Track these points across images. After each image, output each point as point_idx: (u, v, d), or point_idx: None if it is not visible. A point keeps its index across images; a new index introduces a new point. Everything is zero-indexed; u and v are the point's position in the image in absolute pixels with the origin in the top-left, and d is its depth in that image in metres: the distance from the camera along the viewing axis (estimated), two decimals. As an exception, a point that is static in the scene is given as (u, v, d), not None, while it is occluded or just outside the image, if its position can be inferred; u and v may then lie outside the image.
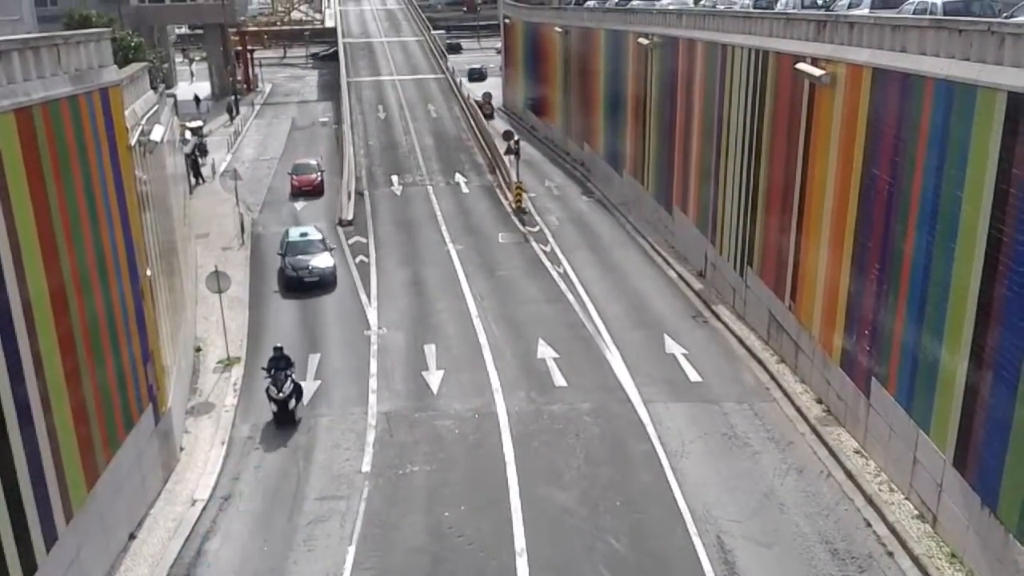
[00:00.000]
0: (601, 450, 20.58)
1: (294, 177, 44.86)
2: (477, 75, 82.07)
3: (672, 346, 25.99)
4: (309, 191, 43.98)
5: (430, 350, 26.00)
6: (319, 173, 45.05)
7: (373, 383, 24.11)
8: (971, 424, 15.72)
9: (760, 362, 24.83)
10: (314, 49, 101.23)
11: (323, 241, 32.75)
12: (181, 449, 20.98)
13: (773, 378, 23.83)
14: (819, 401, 22.21)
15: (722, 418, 21.92)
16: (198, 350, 26.29)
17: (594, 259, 34.12)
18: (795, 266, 23.63)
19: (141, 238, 18.89)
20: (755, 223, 26.47)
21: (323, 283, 31.21)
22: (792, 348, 24.00)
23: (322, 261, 31.43)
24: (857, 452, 19.86)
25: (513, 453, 20.44)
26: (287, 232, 33.33)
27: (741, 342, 26.24)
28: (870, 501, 18.12)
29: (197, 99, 71.62)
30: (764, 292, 25.92)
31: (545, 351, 25.76)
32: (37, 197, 13.95)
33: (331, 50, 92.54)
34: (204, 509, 18.66)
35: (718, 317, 28.19)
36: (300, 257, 31.42)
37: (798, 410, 22.08)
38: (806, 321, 23.02)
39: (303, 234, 32.77)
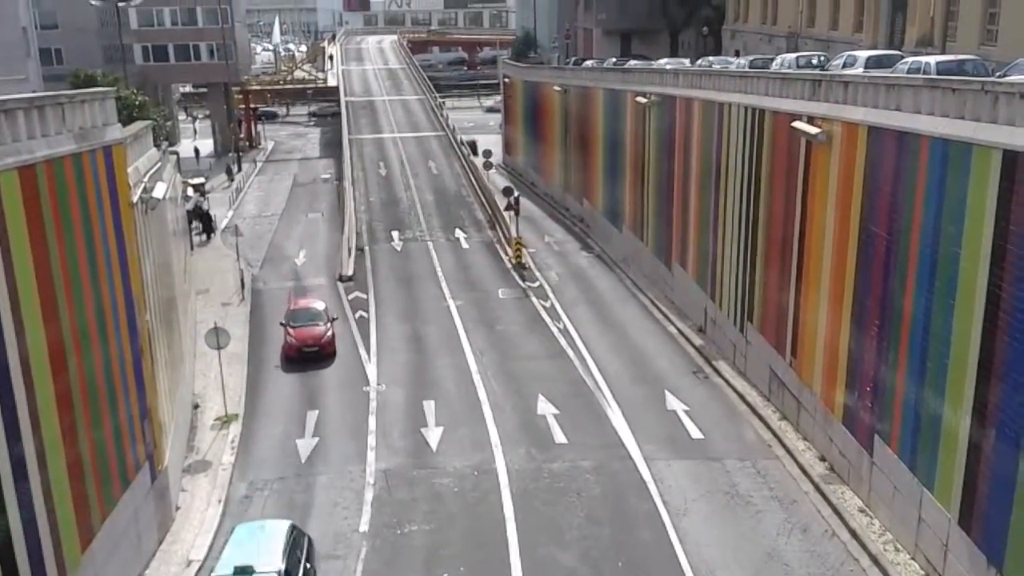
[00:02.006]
0: (602, 509, 20.33)
1: (291, 330, 29.84)
2: (472, 149, 75.64)
3: (673, 402, 25.84)
4: (313, 354, 29.41)
5: (429, 406, 25.84)
6: (328, 323, 30.43)
7: (372, 440, 23.91)
8: (975, 482, 15.55)
9: (762, 419, 24.66)
10: (315, 107, 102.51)
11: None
12: (177, 508, 20.72)
13: (775, 435, 23.65)
14: (822, 459, 22.01)
15: (724, 476, 21.70)
16: (196, 407, 26.14)
17: (594, 315, 34.11)
18: (795, 322, 23.61)
19: (141, 295, 18.90)
20: (754, 279, 26.52)
21: None
22: (794, 405, 23.86)
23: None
24: (861, 511, 19.62)
25: (513, 512, 20.18)
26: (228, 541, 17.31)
27: (742, 398, 26.09)
28: (876, 561, 17.85)
29: (197, 152, 72.40)
30: (765, 348, 25.85)
31: (545, 407, 25.60)
32: (38, 254, 13.99)
33: (330, 108, 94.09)
34: (200, 570, 18.35)
35: (719, 373, 28.07)
36: None
37: (801, 468, 21.86)
38: (807, 377, 22.91)
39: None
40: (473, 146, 77.53)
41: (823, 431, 22.06)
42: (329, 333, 30.13)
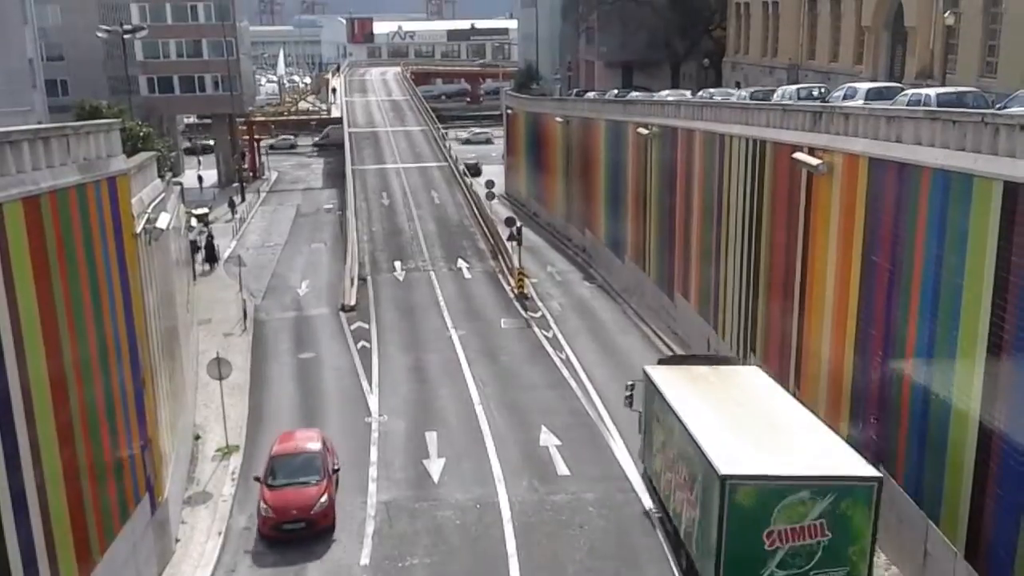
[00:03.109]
0: (606, 542, 20.16)
1: (266, 494, 20.79)
2: (473, 170, 77.59)
3: (676, 434, 25.67)
4: (296, 529, 20.37)
5: (431, 437, 25.72)
6: (326, 478, 21.32)
7: (373, 471, 23.78)
8: (981, 514, 15.42)
9: (765, 450, 24.47)
10: (318, 137, 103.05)
11: None
12: (177, 540, 20.57)
13: (779, 466, 23.44)
14: (826, 490, 21.80)
15: (728, 508, 21.48)
16: (197, 438, 26.04)
17: (596, 345, 34.04)
18: (798, 353, 23.54)
19: (144, 325, 18.90)
20: (757, 310, 26.49)
21: None
22: (797, 436, 23.68)
23: None
24: (867, 543, 19.41)
25: (515, 545, 20.02)
26: None
27: (746, 429, 25.90)
28: (882, 595, 17.64)
29: (200, 180, 72.81)
30: (768, 379, 25.72)
31: (548, 438, 25.48)
32: (41, 284, 14.00)
33: (338, 135, 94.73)
34: (198, 603, 18.19)
35: (722, 404, 27.92)
36: None
37: (805, 500, 21.65)
38: (811, 407, 22.75)
39: None
40: (477, 168, 77.92)
41: (827, 463, 21.88)
42: (324, 497, 20.50)
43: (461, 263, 47.04)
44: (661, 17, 66.07)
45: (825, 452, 16.67)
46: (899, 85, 31.86)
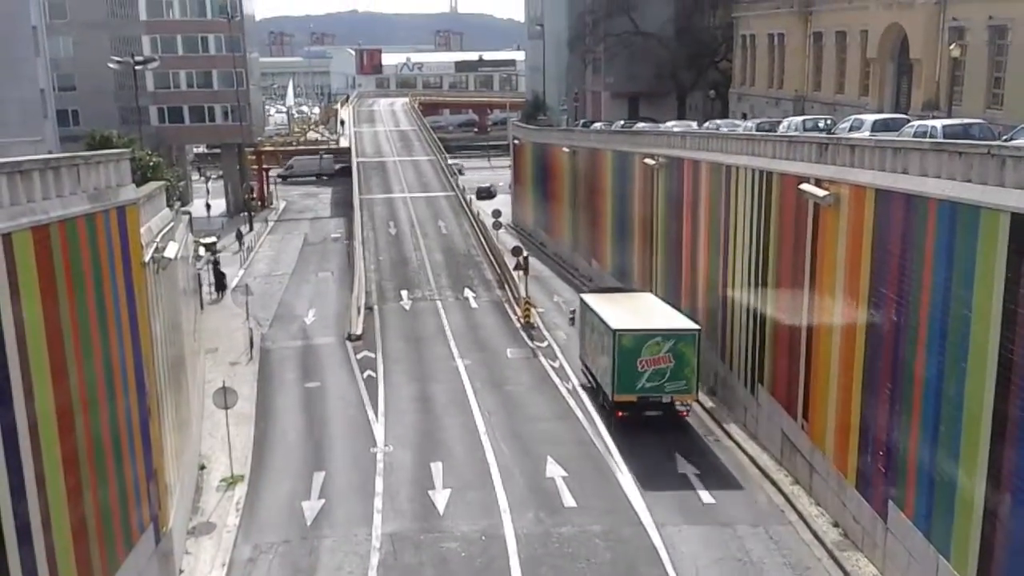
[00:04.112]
0: None
1: None
2: (485, 193, 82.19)
3: (684, 465, 25.52)
4: None
5: (437, 468, 25.59)
6: None
7: (378, 502, 23.64)
8: (992, 549, 15.24)
9: (774, 483, 24.33)
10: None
11: None
12: (181, 571, 20.43)
13: (788, 500, 23.29)
14: (836, 524, 21.63)
15: (736, 542, 21.32)
16: (202, 467, 25.96)
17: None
18: (806, 384, 23.43)
19: (151, 355, 18.91)
20: (764, 340, 26.40)
21: None
22: (806, 469, 23.54)
23: None
24: (876, 578, 19.22)
25: (521, 577, 19.83)
26: None
27: (754, 462, 25.77)
28: (892, 631, 17.42)
29: (208, 207, 73.31)
30: (776, 410, 25.62)
31: (554, 469, 25.32)
32: (49, 313, 14.04)
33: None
34: (201, 635, 18.02)
35: (730, 436, 27.78)
36: None
37: (814, 534, 21.49)
38: (819, 441, 22.65)
39: None
40: (490, 192, 78.70)
41: (836, 496, 21.72)
42: None
43: (468, 292, 47.07)
44: (667, 49, 66.60)
45: (672, 320, 29.05)
46: (905, 117, 31.97)
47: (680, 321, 28.66)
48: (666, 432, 28.18)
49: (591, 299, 31.91)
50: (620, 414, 27.58)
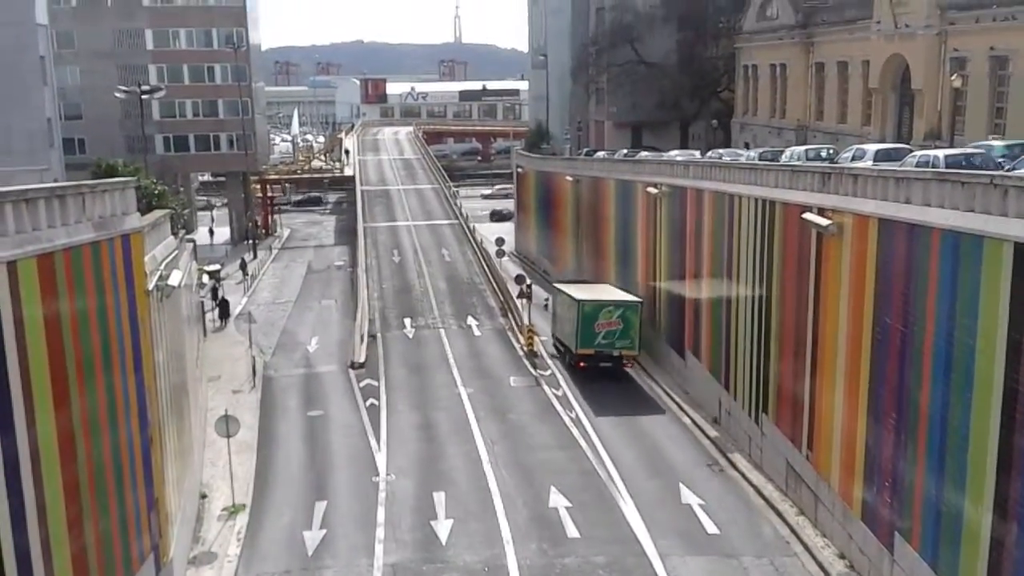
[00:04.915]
0: (615, 606, 19.76)
1: None
2: (498, 216, 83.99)
3: (688, 496, 25.36)
4: None
5: (439, 498, 25.43)
6: None
7: (380, 532, 23.48)
8: (1001, 583, 15.08)
9: (779, 513, 24.14)
10: (332, 196, 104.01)
11: None
12: (180, 601, 20.27)
13: (793, 531, 23.11)
14: (842, 556, 21.44)
15: (741, 573, 21.14)
16: (203, 496, 25.82)
17: (607, 404, 33.80)
18: (811, 414, 23.32)
19: (153, 383, 18.88)
20: (768, 369, 26.33)
21: None
22: (811, 499, 23.37)
23: None
24: (883, 611, 19.01)
25: (524, 609, 19.65)
26: None
27: (759, 492, 25.60)
28: (900, 665, 17.20)
29: (211, 232, 73.50)
30: (780, 440, 25.48)
31: (557, 499, 25.16)
32: (53, 341, 14.03)
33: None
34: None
35: (734, 466, 27.62)
36: None
37: (820, 566, 21.30)
38: (824, 471, 22.51)
39: None
40: (502, 214, 79.44)
41: (842, 527, 21.55)
42: None
43: (471, 320, 47.05)
44: (670, 79, 67.04)
45: (621, 295, 38.10)
46: (907, 146, 32.08)
47: (627, 296, 37.85)
48: (670, 462, 28.06)
49: (562, 285, 41.21)
50: (582, 364, 36.46)
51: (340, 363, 39.69)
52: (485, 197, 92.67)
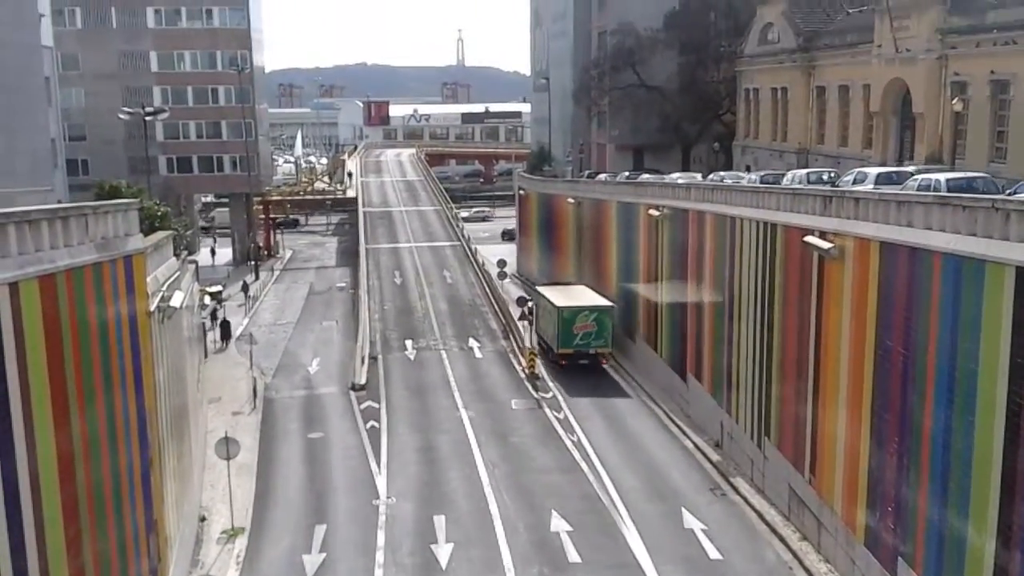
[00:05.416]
0: (617, 632, 19.60)
1: None
2: (509, 236, 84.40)
3: (690, 520, 25.20)
4: None
5: (440, 521, 25.29)
6: None
7: (380, 556, 23.33)
8: (1006, 609, 14.94)
9: (782, 539, 23.99)
10: (334, 218, 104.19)
11: None
12: (178, 625, 20.11)
13: (796, 557, 22.96)
14: (844, 581, 21.28)
15: (743, 598, 20.97)
16: (202, 519, 25.70)
17: (608, 427, 33.69)
18: (813, 438, 23.22)
19: (154, 405, 18.84)
20: (771, 393, 26.24)
21: None
22: (814, 524, 23.22)
23: None
24: (887, 637, 18.83)
25: (524, 634, 19.48)
26: None
27: (761, 517, 25.45)
28: None
29: (213, 252, 73.56)
30: (783, 464, 25.36)
31: (559, 524, 25.01)
32: (53, 362, 14.01)
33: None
34: None
35: (736, 490, 27.47)
36: None
37: (823, 590, 21.14)
38: (827, 496, 22.38)
39: None
40: (512, 235, 79.84)
41: (845, 552, 21.39)
42: None
43: (472, 342, 46.99)
44: (671, 102, 67.33)
45: (596, 299, 41.98)
46: (909, 170, 32.13)
47: (601, 300, 41.83)
48: (672, 486, 27.93)
49: (543, 289, 45.51)
50: (563, 362, 40.44)
51: (341, 385, 39.60)
52: (465, 220, 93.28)
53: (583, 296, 42.93)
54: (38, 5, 45.30)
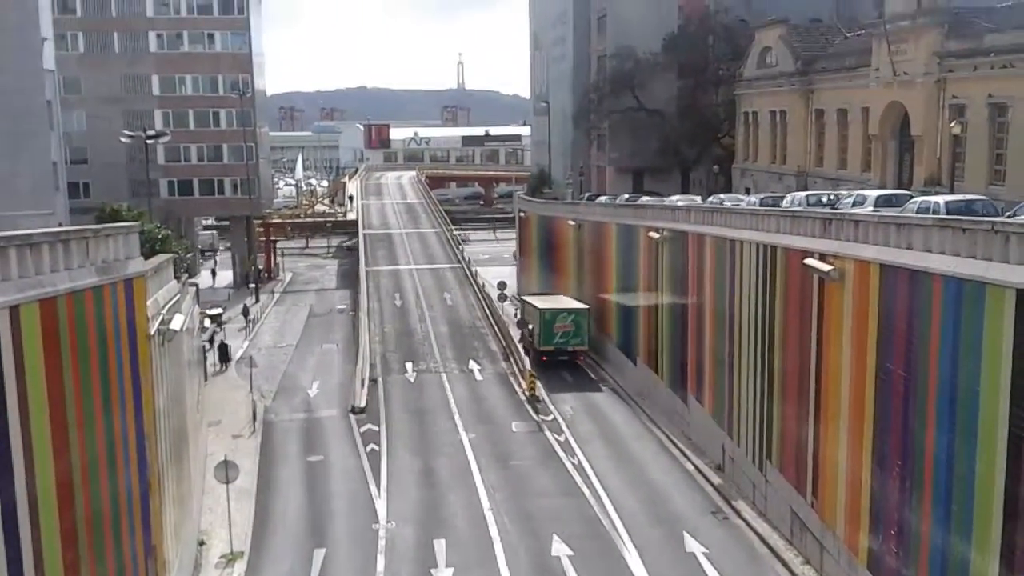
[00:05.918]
0: (619, 657, 19.43)
1: None
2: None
3: (692, 544, 25.05)
4: None
5: (440, 546, 25.15)
6: None
7: (380, 580, 23.17)
8: (1011, 634, 14.82)
9: (784, 563, 23.84)
10: (336, 240, 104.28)
11: None
12: (176, 651, 19.95)
13: (798, 580, 22.80)
14: (847, 605, 21.12)
15: (746, 623, 20.80)
16: (201, 543, 25.55)
17: (609, 450, 33.56)
18: (815, 461, 23.13)
19: (153, 429, 18.78)
20: (772, 416, 26.17)
21: None
22: (817, 548, 23.08)
23: None
24: (891, 663, 18.67)
25: (525, 660, 19.32)
26: None
27: (763, 541, 25.30)
28: None
29: (214, 273, 73.52)
30: (785, 487, 25.24)
31: (560, 548, 24.86)
32: (53, 386, 13.98)
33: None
34: None
35: (738, 514, 27.33)
36: None
37: (826, 615, 20.97)
38: (829, 519, 22.26)
39: None
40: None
41: (848, 576, 21.24)
42: None
43: (472, 365, 46.90)
44: (671, 125, 67.66)
45: (573, 304, 47.23)
46: (908, 192, 32.22)
47: (578, 304, 46.89)
48: (673, 509, 27.78)
49: (528, 297, 52.08)
50: (544, 358, 44.59)
51: (341, 408, 39.49)
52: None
53: (562, 301, 48.65)
54: (41, 29, 45.53)
